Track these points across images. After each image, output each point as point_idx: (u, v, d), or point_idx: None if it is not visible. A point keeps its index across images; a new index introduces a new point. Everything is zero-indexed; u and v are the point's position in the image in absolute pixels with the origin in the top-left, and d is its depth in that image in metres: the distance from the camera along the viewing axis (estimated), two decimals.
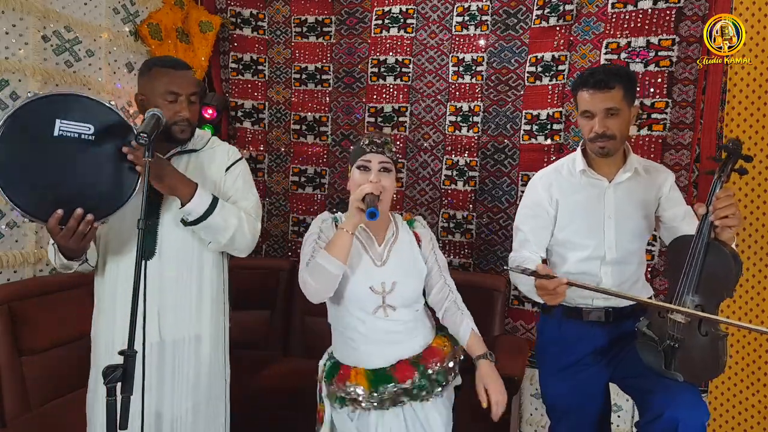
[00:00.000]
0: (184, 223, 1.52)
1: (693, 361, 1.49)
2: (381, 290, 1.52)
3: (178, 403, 1.59)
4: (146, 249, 1.53)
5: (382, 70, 3.06)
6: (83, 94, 1.37)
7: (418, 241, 1.63)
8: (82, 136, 1.32)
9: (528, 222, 1.79)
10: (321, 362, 1.68)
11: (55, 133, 1.30)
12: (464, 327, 1.57)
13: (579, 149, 1.80)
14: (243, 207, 1.64)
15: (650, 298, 1.83)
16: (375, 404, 1.50)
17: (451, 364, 1.57)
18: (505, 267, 1.60)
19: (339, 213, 1.68)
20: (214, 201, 1.52)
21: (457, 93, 2.94)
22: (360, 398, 1.50)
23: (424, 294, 1.65)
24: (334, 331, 1.64)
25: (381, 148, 1.54)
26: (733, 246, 1.50)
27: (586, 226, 1.72)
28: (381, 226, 1.61)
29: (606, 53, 2.62)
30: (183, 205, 1.48)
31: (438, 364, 1.53)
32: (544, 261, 1.81)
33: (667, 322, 1.51)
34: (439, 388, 1.53)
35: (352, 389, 1.51)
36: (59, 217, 1.31)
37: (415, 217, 1.69)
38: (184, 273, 1.59)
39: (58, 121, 1.30)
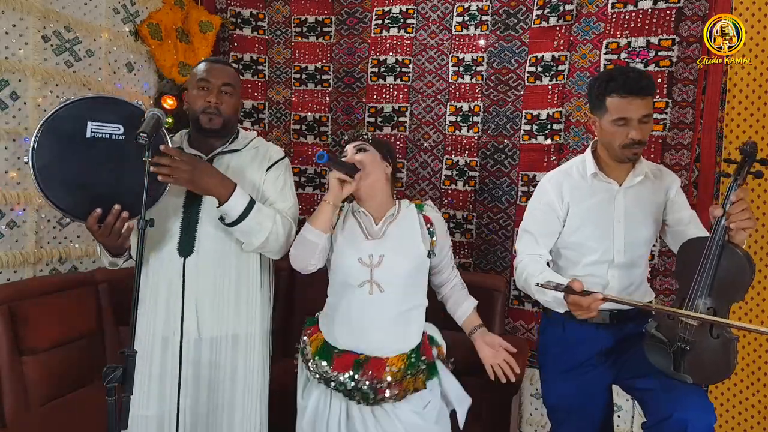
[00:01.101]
0: (222, 221, 1.54)
1: (703, 364, 1.48)
2: (368, 263, 1.54)
3: (214, 400, 1.61)
4: (185, 246, 1.58)
5: (382, 70, 3.06)
6: (112, 96, 1.45)
7: (430, 224, 1.63)
8: (113, 137, 1.38)
9: (537, 224, 1.77)
10: (307, 329, 1.70)
11: (88, 135, 1.36)
12: (468, 304, 1.72)
13: (588, 151, 1.78)
14: (280, 209, 1.65)
15: (650, 301, 1.82)
16: (347, 392, 1.52)
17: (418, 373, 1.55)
18: (538, 283, 1.56)
19: (353, 203, 1.72)
20: (251, 203, 1.53)
21: (457, 93, 2.94)
22: (339, 386, 1.53)
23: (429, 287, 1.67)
24: (326, 307, 1.67)
25: (354, 138, 1.65)
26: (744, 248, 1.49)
27: (596, 230, 1.71)
28: (381, 208, 1.64)
29: (606, 53, 2.62)
30: (220, 204, 1.50)
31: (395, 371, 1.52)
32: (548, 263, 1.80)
33: (677, 324, 1.50)
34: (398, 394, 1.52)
35: (342, 378, 1.53)
36: (98, 216, 1.36)
37: (425, 202, 1.70)
38: (221, 271, 1.61)
39: (89, 124, 1.36)
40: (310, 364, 1.59)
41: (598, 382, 1.77)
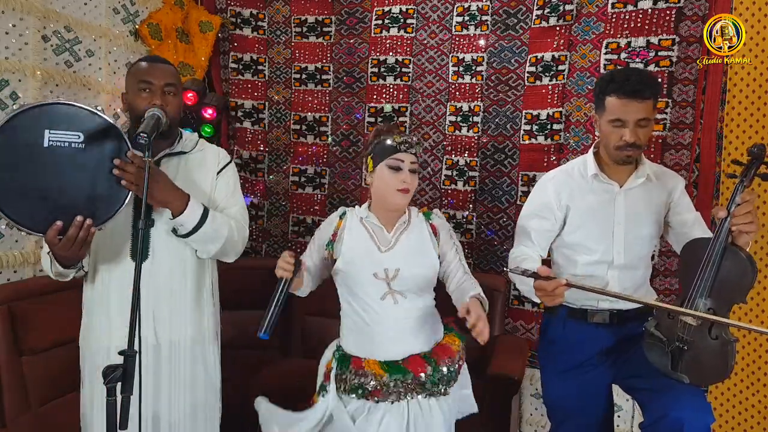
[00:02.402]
0: (175, 233, 1.52)
1: (701, 364, 1.48)
2: (384, 276, 1.54)
3: (176, 406, 1.58)
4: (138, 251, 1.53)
5: (382, 70, 3.06)
6: (69, 102, 1.36)
7: (435, 233, 1.64)
8: (73, 145, 1.32)
9: (533, 220, 1.77)
10: (328, 353, 1.68)
11: (46, 144, 1.30)
12: (473, 288, 1.55)
13: (590, 152, 1.77)
14: (232, 213, 1.64)
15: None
16: (389, 394, 1.52)
17: (460, 363, 1.62)
18: (505, 268, 1.58)
19: (355, 207, 1.68)
20: (205, 213, 1.51)
21: (457, 93, 2.94)
22: (376, 387, 1.52)
23: (435, 288, 1.67)
24: (345, 320, 1.65)
25: (413, 148, 1.56)
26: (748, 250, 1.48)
27: (595, 231, 1.71)
28: (393, 216, 1.63)
29: (606, 53, 2.62)
30: (174, 216, 1.48)
31: (449, 361, 1.57)
32: (545, 261, 1.80)
33: (676, 324, 1.50)
34: (449, 385, 1.56)
35: (369, 378, 1.52)
36: (59, 228, 1.30)
37: (432, 210, 1.70)
38: (177, 274, 1.58)
39: (47, 132, 1.30)
40: (382, 389, 1.52)
41: (598, 381, 1.77)
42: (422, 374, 1.52)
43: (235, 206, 1.67)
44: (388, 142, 1.55)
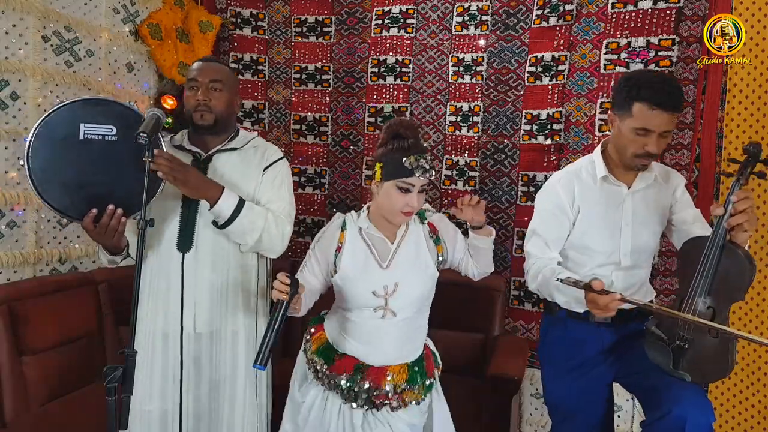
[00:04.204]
0: (215, 225, 1.56)
1: (702, 362, 1.48)
2: (383, 293, 1.52)
3: (216, 395, 1.62)
4: (184, 242, 1.60)
5: (382, 70, 3.06)
6: (103, 97, 1.49)
7: (435, 231, 1.62)
8: (106, 138, 1.41)
9: (548, 228, 1.75)
10: (311, 328, 1.67)
11: (81, 137, 1.40)
12: None
13: (598, 152, 1.75)
14: (275, 208, 1.65)
15: (651, 300, 1.82)
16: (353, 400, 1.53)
17: (381, 394, 1.52)
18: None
19: (352, 213, 1.64)
20: (240, 203, 1.55)
21: (457, 93, 2.94)
22: (336, 387, 1.54)
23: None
24: (334, 313, 1.64)
25: (428, 173, 1.47)
26: (747, 248, 1.48)
27: (604, 233, 1.70)
28: (394, 227, 1.59)
29: (606, 53, 2.62)
30: (211, 207, 1.53)
31: (366, 380, 1.52)
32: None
33: (677, 322, 1.49)
34: (365, 406, 1.52)
35: (339, 380, 1.53)
36: (93, 216, 1.39)
37: (423, 206, 1.64)
38: (221, 266, 1.62)
39: (82, 126, 1.40)
40: (309, 360, 1.60)
41: (599, 380, 1.77)
42: (343, 378, 1.52)
43: (277, 201, 1.68)
44: (404, 161, 1.43)
